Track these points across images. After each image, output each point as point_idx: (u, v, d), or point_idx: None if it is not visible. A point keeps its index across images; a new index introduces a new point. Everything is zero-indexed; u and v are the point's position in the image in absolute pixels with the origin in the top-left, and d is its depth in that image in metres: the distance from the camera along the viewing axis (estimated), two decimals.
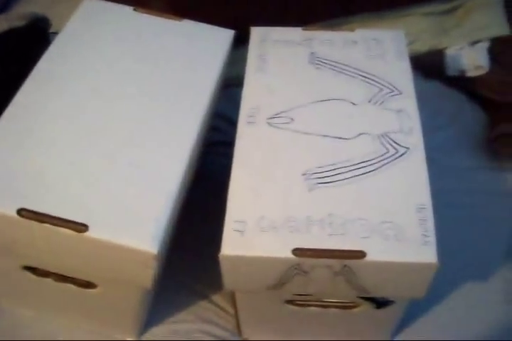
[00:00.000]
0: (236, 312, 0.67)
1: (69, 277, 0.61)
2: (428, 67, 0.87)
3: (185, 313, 0.71)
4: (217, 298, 0.73)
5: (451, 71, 0.87)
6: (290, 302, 0.63)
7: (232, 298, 0.66)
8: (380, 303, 0.62)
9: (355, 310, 0.63)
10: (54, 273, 0.62)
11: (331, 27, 0.84)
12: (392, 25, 0.87)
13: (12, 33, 0.74)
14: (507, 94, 0.84)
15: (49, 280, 0.62)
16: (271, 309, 0.65)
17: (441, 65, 0.87)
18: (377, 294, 0.59)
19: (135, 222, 0.54)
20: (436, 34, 0.87)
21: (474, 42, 0.87)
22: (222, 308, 0.72)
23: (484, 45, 0.87)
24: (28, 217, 0.53)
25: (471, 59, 0.86)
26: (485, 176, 0.84)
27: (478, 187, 0.84)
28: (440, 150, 0.84)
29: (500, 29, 0.87)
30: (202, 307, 0.72)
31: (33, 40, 0.77)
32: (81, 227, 0.53)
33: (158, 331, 0.70)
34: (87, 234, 0.53)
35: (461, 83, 0.88)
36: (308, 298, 0.61)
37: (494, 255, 0.77)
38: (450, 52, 0.87)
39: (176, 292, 0.72)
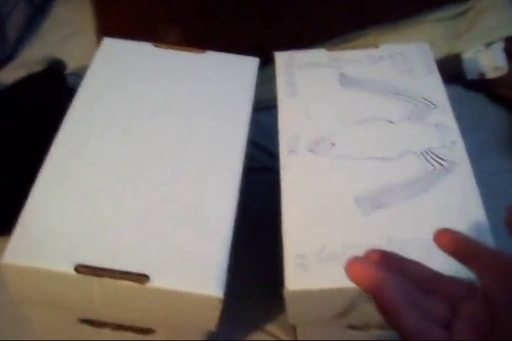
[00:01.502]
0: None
1: (127, 326, 0.60)
2: (447, 72, 0.86)
3: None
4: (273, 328, 0.71)
5: (471, 74, 0.87)
6: (352, 327, 0.62)
7: (292, 328, 0.65)
8: None
9: None
10: (111, 323, 0.61)
11: (348, 42, 0.84)
12: (406, 34, 0.87)
13: (31, 78, 0.73)
14: None
15: (106, 330, 0.61)
16: (332, 335, 0.64)
17: (460, 70, 0.87)
18: None
19: (195, 266, 0.53)
20: (451, 39, 0.87)
21: (489, 44, 0.87)
22: (279, 339, 0.71)
23: (500, 46, 0.86)
24: (86, 273, 0.52)
25: (489, 60, 0.85)
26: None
27: (508, 190, 0.83)
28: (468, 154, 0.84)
29: None
30: (260, 338, 0.71)
31: (51, 83, 0.76)
32: (142, 278, 0.51)
33: None
34: (148, 284, 0.52)
35: (482, 86, 0.88)
36: (370, 320, 0.61)
37: None
38: (467, 55, 0.87)
39: (233, 325, 0.71)
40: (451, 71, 0.87)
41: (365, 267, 0.36)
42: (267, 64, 0.71)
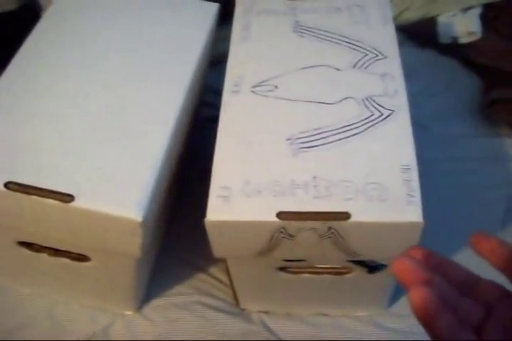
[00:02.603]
0: (231, 282, 0.68)
1: (63, 251, 0.62)
2: (421, 35, 0.86)
3: (184, 286, 0.72)
4: (214, 270, 0.73)
5: (444, 38, 0.86)
6: (283, 269, 0.63)
7: (226, 268, 0.66)
8: (372, 267, 0.62)
9: (348, 275, 0.63)
10: (48, 248, 0.63)
11: None
12: None
13: (3, 17, 0.75)
14: (500, 60, 0.83)
15: (44, 256, 0.63)
16: (264, 277, 0.65)
17: (434, 33, 0.87)
18: (366, 257, 0.59)
19: (120, 190, 0.54)
20: (428, 1, 0.87)
21: (466, 9, 0.86)
22: (219, 280, 0.73)
23: (476, 11, 0.86)
24: (15, 190, 0.54)
25: (464, 25, 0.85)
26: (480, 143, 0.83)
27: (474, 154, 0.83)
28: (435, 118, 0.84)
29: None
30: (199, 279, 0.73)
31: (23, 23, 0.78)
32: (67, 198, 0.53)
33: (157, 304, 0.71)
34: (73, 204, 0.53)
35: (455, 50, 0.87)
36: (300, 264, 0.62)
37: (491, 221, 0.76)
38: (442, 19, 0.86)
39: (174, 265, 0.73)
40: (426, 33, 0.87)
41: (410, 265, 0.37)
42: None
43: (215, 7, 0.70)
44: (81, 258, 0.62)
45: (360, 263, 0.61)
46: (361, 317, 0.70)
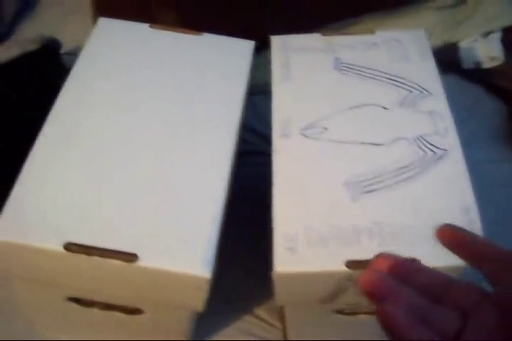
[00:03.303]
0: (284, 325, 0.67)
1: (115, 305, 0.61)
2: (444, 61, 0.86)
3: (232, 329, 0.71)
4: (261, 312, 0.72)
5: (467, 64, 0.87)
6: (340, 311, 0.62)
7: (279, 312, 0.65)
8: None
9: None
10: (99, 302, 0.61)
11: (344, 28, 0.84)
12: (402, 22, 0.86)
13: (25, 57, 0.73)
14: None
15: (94, 310, 0.62)
16: (320, 320, 0.64)
17: (457, 59, 0.87)
18: None
19: (184, 247, 0.53)
20: (449, 27, 0.87)
21: (487, 34, 0.86)
22: (268, 323, 0.71)
23: (497, 36, 0.86)
24: (75, 251, 0.52)
25: (485, 50, 0.85)
26: (504, 168, 0.84)
27: (499, 180, 0.84)
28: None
29: (511, 18, 0.87)
30: (248, 322, 0.71)
31: (46, 62, 0.76)
32: (131, 257, 0.52)
33: None
34: (137, 263, 0.52)
35: (478, 75, 0.88)
36: (358, 306, 0.61)
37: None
38: (464, 44, 0.86)
39: (221, 308, 0.71)
40: (448, 60, 0.87)
41: (374, 277, 0.36)
42: (262, 48, 0.71)
43: (251, 44, 0.69)
44: (134, 311, 0.61)
45: None
46: None
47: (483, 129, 0.87)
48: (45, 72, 0.74)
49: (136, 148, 0.59)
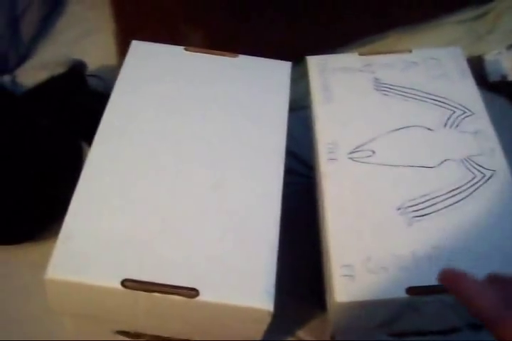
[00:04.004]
0: None
1: (165, 338, 0.59)
2: None
3: None
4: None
5: (493, 76, 0.87)
6: (394, 335, 0.62)
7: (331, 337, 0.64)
8: (478, 327, 0.62)
9: (454, 335, 0.63)
10: (149, 335, 0.60)
11: (369, 44, 0.83)
12: (426, 36, 0.86)
13: (54, 80, 0.71)
14: None
15: None
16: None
17: (482, 72, 0.87)
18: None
19: (244, 279, 0.52)
20: (472, 41, 0.87)
21: (511, 46, 0.87)
22: None
23: None
24: (133, 288, 0.51)
25: (511, 62, 0.85)
26: None
27: None
28: None
29: None
30: None
31: (73, 85, 0.75)
32: (191, 292, 0.50)
33: None
34: (198, 298, 0.50)
35: (505, 88, 0.88)
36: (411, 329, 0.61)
37: None
38: (489, 57, 0.86)
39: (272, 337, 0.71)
40: (474, 73, 0.87)
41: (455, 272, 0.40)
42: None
43: (288, 65, 0.68)
44: None
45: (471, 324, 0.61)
46: None
47: (509, 141, 0.86)
48: (74, 95, 0.72)
49: (185, 178, 0.57)
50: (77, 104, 0.71)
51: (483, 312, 0.37)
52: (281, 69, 0.67)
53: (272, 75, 0.67)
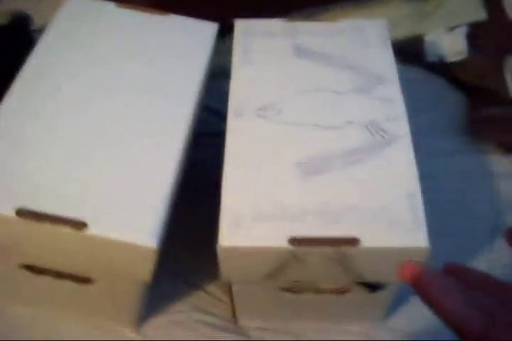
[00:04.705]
0: (232, 301, 0.69)
1: (66, 274, 0.62)
2: (408, 53, 0.88)
3: (182, 304, 0.73)
4: (212, 287, 0.74)
5: (431, 56, 0.88)
6: (285, 289, 0.64)
7: (228, 288, 0.67)
8: (373, 287, 0.64)
9: (348, 294, 0.65)
10: (51, 270, 0.62)
11: (312, 16, 0.85)
12: (371, 12, 0.88)
13: None
14: (486, 79, 0.86)
15: (47, 278, 0.63)
16: (266, 297, 0.66)
17: (421, 51, 0.89)
18: (371, 279, 0.61)
19: (133, 218, 0.55)
20: (415, 20, 0.89)
21: (453, 28, 0.88)
22: (217, 298, 0.73)
23: (463, 30, 0.88)
24: (27, 217, 0.53)
25: (450, 44, 0.87)
26: (465, 159, 0.86)
27: (458, 171, 0.86)
28: (420, 134, 0.85)
29: (477, 14, 0.89)
30: (198, 297, 0.73)
31: (16, 37, 0.77)
32: (80, 225, 0.53)
33: (156, 322, 0.71)
34: (86, 231, 0.53)
35: (441, 68, 0.89)
36: (303, 284, 0.63)
37: (478, 236, 0.79)
38: (429, 37, 0.88)
39: (172, 283, 0.73)
40: (413, 51, 0.89)
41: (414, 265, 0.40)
42: (230, 33, 0.72)
43: (214, 27, 0.70)
44: (85, 280, 0.62)
45: (363, 283, 0.63)
46: (358, 332, 0.72)
47: (444, 121, 0.89)
48: (14, 47, 0.74)
49: (91, 123, 0.60)
50: (17, 55, 0.74)
51: (448, 315, 0.37)
52: (206, 30, 0.70)
53: (196, 34, 0.69)
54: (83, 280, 0.62)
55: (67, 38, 0.67)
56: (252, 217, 0.56)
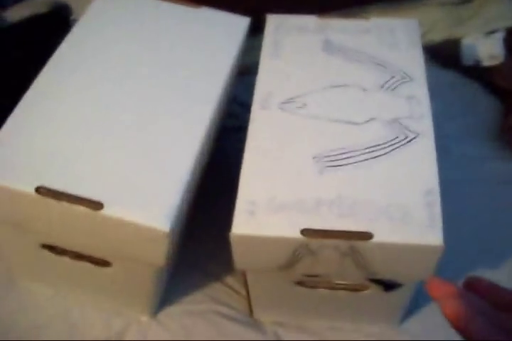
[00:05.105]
0: (247, 293, 0.69)
1: (85, 255, 0.63)
2: (444, 56, 0.87)
3: (199, 294, 0.73)
4: (230, 279, 0.75)
5: (467, 60, 0.87)
6: (300, 283, 0.64)
7: (244, 280, 0.67)
8: (388, 286, 0.63)
9: (363, 292, 0.64)
10: (71, 251, 0.64)
11: (347, 16, 0.85)
12: (408, 14, 0.88)
13: (34, 19, 0.76)
14: None
15: (66, 259, 0.65)
16: (281, 290, 0.66)
17: (457, 55, 0.88)
18: (384, 276, 0.60)
19: (148, 200, 0.55)
20: (453, 24, 0.88)
21: (490, 32, 0.87)
22: (234, 290, 0.74)
23: (500, 35, 0.87)
24: (45, 195, 0.55)
25: (487, 48, 0.86)
26: (496, 165, 0.84)
27: (488, 177, 0.84)
28: (453, 138, 0.85)
29: None
30: (215, 288, 0.74)
31: (55, 27, 0.79)
32: (96, 205, 0.54)
33: (172, 311, 0.72)
34: (101, 211, 0.54)
35: (477, 73, 0.88)
36: (317, 279, 0.63)
37: (503, 243, 0.77)
38: (466, 41, 0.87)
39: (191, 273, 0.74)
40: (449, 55, 0.88)
41: (442, 281, 0.40)
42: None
43: (246, 21, 0.71)
44: (102, 263, 0.64)
45: (377, 281, 0.62)
46: (373, 333, 0.71)
47: (477, 126, 0.87)
48: (53, 36, 0.77)
49: (118, 109, 0.62)
50: (55, 44, 0.76)
51: (473, 337, 0.38)
52: (238, 24, 0.70)
53: (227, 28, 0.70)
54: (101, 262, 0.63)
55: (99, 27, 0.68)
56: (267, 207, 0.56)
